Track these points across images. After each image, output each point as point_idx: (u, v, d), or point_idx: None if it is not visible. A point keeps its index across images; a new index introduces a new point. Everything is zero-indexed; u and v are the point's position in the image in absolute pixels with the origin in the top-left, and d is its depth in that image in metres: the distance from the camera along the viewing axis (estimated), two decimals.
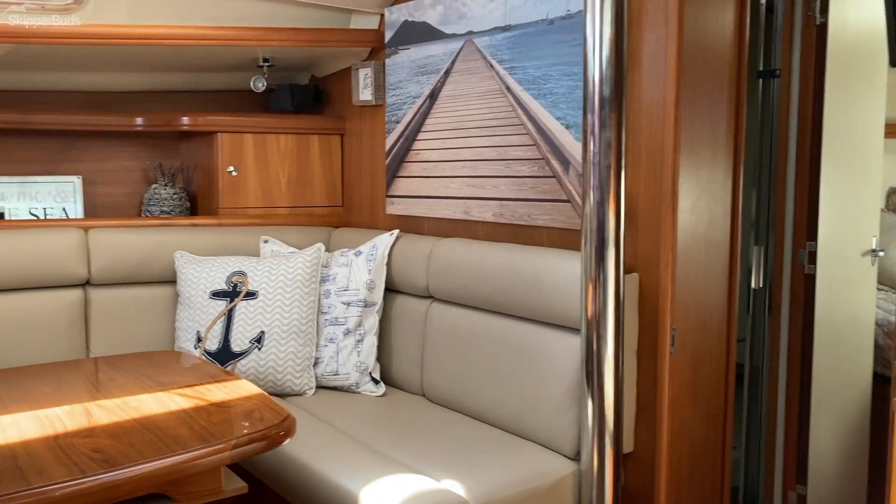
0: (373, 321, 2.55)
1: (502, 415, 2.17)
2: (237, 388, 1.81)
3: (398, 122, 2.78)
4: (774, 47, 2.55)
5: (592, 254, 1.83)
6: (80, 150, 3.06)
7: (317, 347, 2.54)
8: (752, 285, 2.63)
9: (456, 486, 1.79)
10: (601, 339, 1.84)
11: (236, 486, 1.59)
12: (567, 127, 2.18)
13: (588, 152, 1.82)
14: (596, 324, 1.85)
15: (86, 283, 2.64)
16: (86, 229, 2.65)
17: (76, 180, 2.99)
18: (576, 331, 1.99)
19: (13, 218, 2.87)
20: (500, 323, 2.22)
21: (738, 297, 2.20)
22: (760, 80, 2.59)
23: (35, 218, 2.91)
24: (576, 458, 1.98)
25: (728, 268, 2.17)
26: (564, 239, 2.22)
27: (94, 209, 3.06)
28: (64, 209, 2.97)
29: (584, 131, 1.83)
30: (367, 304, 2.54)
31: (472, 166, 2.49)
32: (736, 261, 2.18)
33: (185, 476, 1.46)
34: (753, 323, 2.66)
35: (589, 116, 1.81)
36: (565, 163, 2.18)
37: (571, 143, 2.16)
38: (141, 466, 1.39)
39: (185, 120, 2.94)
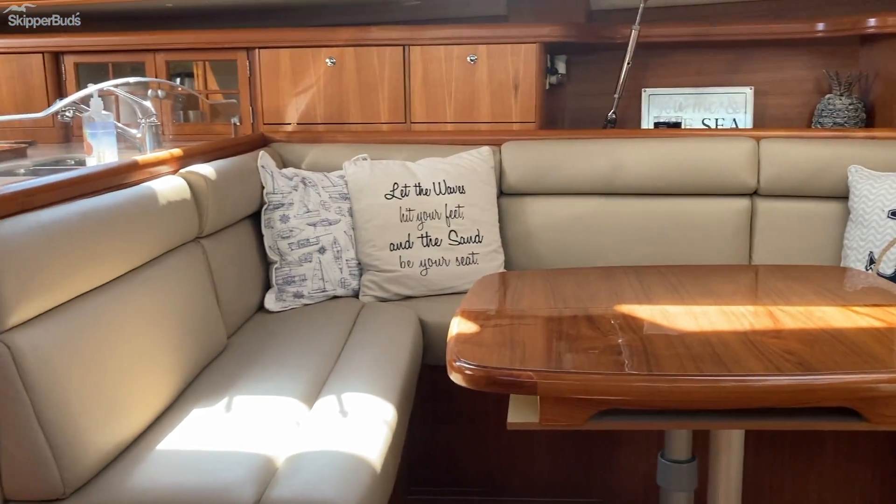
0: None
1: None
2: None
3: None
4: None
5: None
6: (753, 60, 3.07)
7: None
8: None
9: None
10: None
11: None
12: None
13: None
14: None
15: (753, 193, 2.68)
16: (757, 140, 2.67)
17: (748, 91, 3.03)
18: None
19: (688, 127, 3.07)
20: None
21: None
22: None
23: (707, 128, 3.06)
24: None
25: None
26: None
27: (763, 120, 3.07)
28: (734, 119, 3.04)
29: None
30: None
31: None
32: None
33: (882, 396, 1.37)
34: None
35: None
36: None
37: None
38: (838, 376, 1.35)
39: (872, 22, 2.68)
